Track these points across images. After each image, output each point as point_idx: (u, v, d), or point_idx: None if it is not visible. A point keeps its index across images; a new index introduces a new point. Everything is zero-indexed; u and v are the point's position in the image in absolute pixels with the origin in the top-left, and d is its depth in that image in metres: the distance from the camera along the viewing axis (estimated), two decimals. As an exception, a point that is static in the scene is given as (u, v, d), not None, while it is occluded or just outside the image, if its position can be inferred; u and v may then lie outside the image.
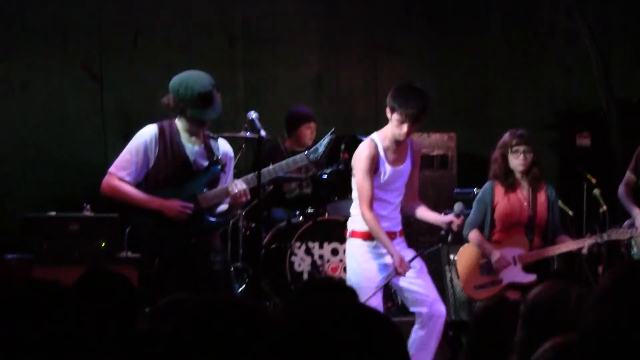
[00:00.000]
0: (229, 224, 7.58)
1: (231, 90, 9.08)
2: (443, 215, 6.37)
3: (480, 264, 6.88)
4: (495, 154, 6.91)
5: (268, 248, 8.16)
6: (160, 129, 6.00)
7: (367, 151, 6.25)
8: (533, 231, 6.88)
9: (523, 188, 6.88)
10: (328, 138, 6.15)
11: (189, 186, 6.02)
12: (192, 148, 6.04)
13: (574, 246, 6.84)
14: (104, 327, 2.56)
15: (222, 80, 7.08)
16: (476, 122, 10.04)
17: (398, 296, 7.81)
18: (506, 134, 6.90)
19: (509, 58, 10.24)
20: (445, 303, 7.16)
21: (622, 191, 7.53)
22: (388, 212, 6.35)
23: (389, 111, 6.21)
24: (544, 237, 6.90)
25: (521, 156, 6.80)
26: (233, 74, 9.47)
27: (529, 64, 10.21)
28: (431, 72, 10.04)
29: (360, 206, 6.24)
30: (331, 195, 8.40)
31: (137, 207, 5.98)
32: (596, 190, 7.75)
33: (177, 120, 6.02)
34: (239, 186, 5.93)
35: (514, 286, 6.73)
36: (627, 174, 7.57)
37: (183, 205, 5.95)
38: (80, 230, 7.51)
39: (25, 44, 8.91)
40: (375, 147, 6.26)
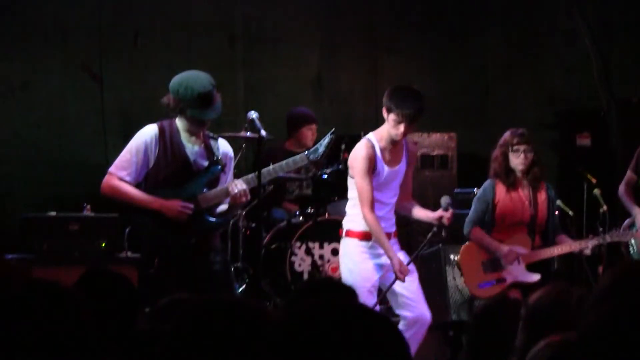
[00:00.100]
0: (229, 224, 7.57)
1: (231, 90, 9.08)
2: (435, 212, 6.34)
3: (484, 262, 6.84)
4: (496, 152, 6.89)
5: (268, 248, 8.16)
6: (161, 129, 5.99)
7: (365, 152, 6.22)
8: (534, 230, 6.86)
9: (524, 187, 6.86)
10: (328, 138, 6.14)
11: (189, 186, 6.01)
12: (192, 148, 6.04)
13: (577, 247, 6.83)
14: (104, 327, 2.55)
15: (222, 80, 7.07)
16: (476, 122, 10.04)
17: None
18: (507, 133, 6.88)
19: (509, 58, 10.24)
20: (445, 303, 7.16)
21: (623, 190, 7.54)
22: (384, 213, 6.32)
23: (386, 111, 6.20)
24: (544, 237, 6.89)
25: (522, 155, 6.78)
26: (233, 74, 9.48)
27: (529, 64, 10.21)
28: (431, 72, 10.04)
29: (362, 208, 6.20)
30: (331, 195, 8.39)
31: (137, 207, 5.97)
32: (596, 190, 7.75)
33: (177, 120, 6.01)
34: (239, 186, 5.92)
35: (518, 285, 6.70)
36: (628, 173, 7.58)
37: (183, 206, 5.94)
38: (80, 230, 7.51)
39: (25, 44, 8.91)
40: (372, 148, 6.24)
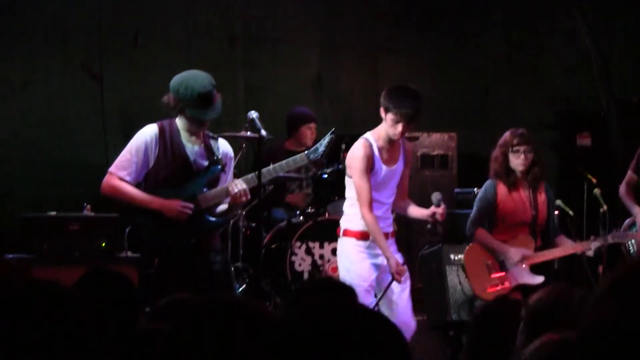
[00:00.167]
0: (229, 223, 7.57)
1: (231, 90, 9.08)
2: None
3: (488, 263, 6.82)
4: (496, 152, 6.86)
5: (268, 248, 8.16)
6: (161, 129, 5.99)
7: (363, 151, 6.23)
8: (535, 231, 6.84)
9: (524, 187, 6.84)
10: (328, 138, 6.14)
11: (189, 186, 6.01)
12: (192, 148, 6.03)
13: (580, 248, 6.81)
14: (104, 327, 2.55)
15: (222, 80, 7.06)
16: (476, 122, 10.04)
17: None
18: (507, 133, 6.86)
19: (509, 58, 10.24)
20: (446, 303, 7.15)
21: (624, 191, 7.54)
22: (382, 213, 6.32)
23: (383, 111, 6.20)
24: (545, 238, 6.87)
25: (522, 156, 6.76)
26: (233, 74, 9.47)
27: (529, 64, 10.21)
28: (431, 72, 10.05)
29: (360, 208, 6.21)
30: (331, 195, 8.39)
31: (137, 207, 5.97)
32: (596, 190, 7.74)
33: (177, 120, 6.01)
34: (239, 186, 5.92)
35: (523, 287, 6.65)
36: (629, 173, 7.58)
37: (183, 205, 5.94)
38: (80, 230, 7.50)
39: (25, 44, 8.91)
40: (370, 147, 6.25)
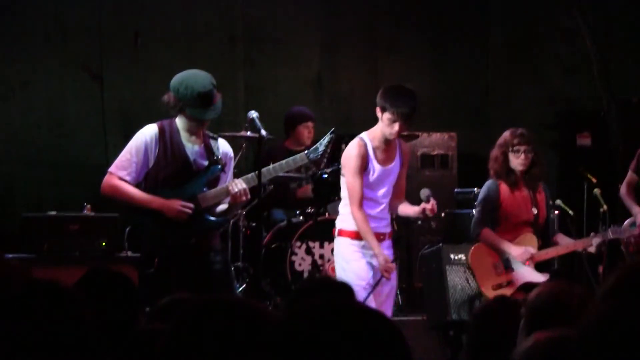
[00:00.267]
0: (229, 223, 7.57)
1: (231, 90, 9.08)
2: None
3: (495, 263, 6.80)
4: (496, 152, 6.84)
5: (268, 248, 8.16)
6: (161, 129, 5.98)
7: (357, 150, 6.27)
8: (537, 230, 6.85)
9: (524, 187, 6.85)
10: (328, 137, 6.15)
11: (189, 186, 6.00)
12: (192, 148, 6.03)
13: (581, 245, 6.82)
14: (104, 327, 2.55)
15: (222, 80, 7.06)
16: (476, 122, 10.04)
17: (397, 295, 7.81)
18: (507, 133, 6.84)
19: (509, 58, 10.24)
20: (446, 303, 7.14)
21: (624, 191, 7.53)
22: (377, 212, 6.34)
23: (379, 111, 6.23)
24: (544, 237, 6.88)
25: (522, 156, 6.76)
26: (233, 74, 9.47)
27: (529, 64, 10.21)
28: (431, 72, 10.05)
29: (350, 206, 6.26)
30: (331, 195, 8.38)
31: (137, 207, 5.97)
32: (596, 190, 7.74)
33: (177, 120, 6.00)
34: (239, 185, 5.91)
35: (528, 286, 6.62)
36: (629, 173, 7.57)
37: (183, 205, 5.93)
38: (80, 230, 7.50)
39: (25, 44, 8.91)
40: (365, 146, 6.28)
